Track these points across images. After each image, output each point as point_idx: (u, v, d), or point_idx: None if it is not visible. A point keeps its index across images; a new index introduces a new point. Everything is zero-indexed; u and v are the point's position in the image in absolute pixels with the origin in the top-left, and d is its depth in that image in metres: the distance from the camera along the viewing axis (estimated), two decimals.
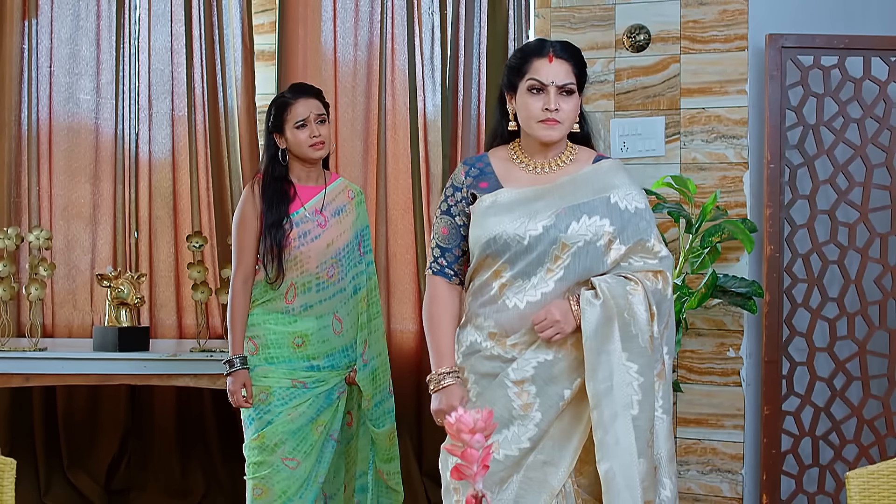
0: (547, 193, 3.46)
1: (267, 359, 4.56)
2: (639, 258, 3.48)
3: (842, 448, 5.37)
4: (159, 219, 6.30)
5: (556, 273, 3.41)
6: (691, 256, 5.21)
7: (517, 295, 3.42)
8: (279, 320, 4.57)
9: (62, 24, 6.38)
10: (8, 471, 3.05)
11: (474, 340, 3.49)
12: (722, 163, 5.42)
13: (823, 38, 5.32)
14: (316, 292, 4.59)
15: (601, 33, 5.61)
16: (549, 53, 3.46)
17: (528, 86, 3.46)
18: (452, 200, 3.56)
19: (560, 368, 3.40)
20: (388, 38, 6.06)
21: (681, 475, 5.51)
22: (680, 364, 5.47)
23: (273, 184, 4.58)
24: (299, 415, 4.55)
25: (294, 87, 4.71)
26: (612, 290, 3.37)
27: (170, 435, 6.32)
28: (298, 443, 4.55)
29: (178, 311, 6.29)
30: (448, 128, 5.96)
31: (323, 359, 4.62)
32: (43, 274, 5.42)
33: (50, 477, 6.33)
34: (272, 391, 4.54)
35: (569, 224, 3.41)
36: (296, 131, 4.55)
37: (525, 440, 3.40)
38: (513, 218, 3.42)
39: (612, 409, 3.33)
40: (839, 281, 5.39)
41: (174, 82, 6.31)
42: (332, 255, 4.61)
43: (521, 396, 3.41)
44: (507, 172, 3.53)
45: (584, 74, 3.53)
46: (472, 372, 3.49)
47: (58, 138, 6.38)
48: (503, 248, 3.41)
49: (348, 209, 4.71)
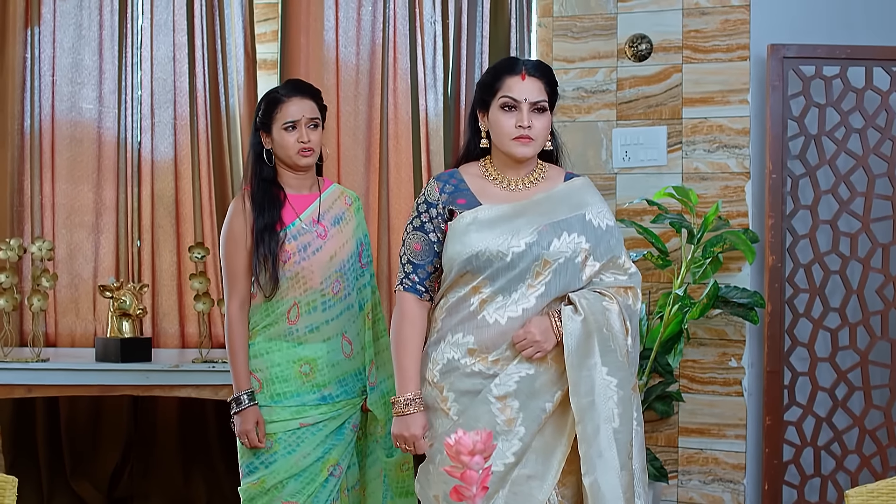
0: (526, 210, 3.50)
1: (273, 396, 4.10)
2: (610, 274, 3.54)
3: (843, 458, 5.37)
4: (162, 227, 6.30)
5: (537, 289, 3.44)
6: (693, 267, 5.21)
7: (498, 311, 3.44)
8: (283, 347, 4.11)
9: (65, 33, 6.38)
10: (10, 489, 3.06)
11: (452, 358, 3.49)
12: (724, 172, 5.42)
13: (825, 49, 5.32)
14: (322, 311, 4.13)
15: (603, 42, 5.61)
16: (522, 71, 3.49)
17: (502, 103, 3.48)
18: (426, 217, 3.56)
19: (542, 382, 3.44)
20: (390, 46, 6.06)
21: (682, 485, 5.51)
22: (682, 374, 5.48)
23: (262, 185, 4.12)
24: (304, 456, 4.10)
25: (291, 83, 4.26)
26: (590, 305, 3.42)
27: (172, 444, 6.32)
28: (304, 485, 4.10)
29: (181, 320, 6.29)
30: (450, 136, 5.96)
31: (334, 386, 4.15)
32: (45, 285, 5.42)
33: (53, 485, 6.33)
34: (277, 438, 4.09)
35: (550, 241, 3.45)
36: (283, 133, 4.08)
37: (510, 455, 3.43)
38: (495, 234, 3.44)
39: (594, 422, 3.37)
40: (841, 291, 5.39)
41: (177, 91, 6.31)
42: (337, 269, 4.16)
43: (505, 412, 3.44)
44: (481, 189, 3.56)
45: (555, 93, 3.57)
46: (451, 390, 3.50)
47: (60, 147, 6.38)
48: (485, 264, 3.43)
49: (348, 217, 4.28)
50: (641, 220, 5.43)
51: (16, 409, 6.29)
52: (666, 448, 5.53)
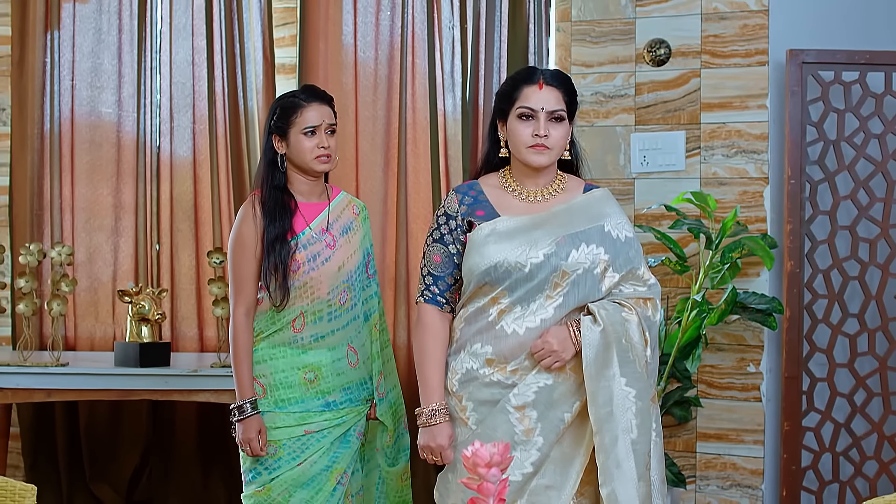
0: (545, 221, 3.49)
1: (277, 402, 4.08)
2: (629, 285, 3.53)
3: (862, 464, 5.36)
4: (181, 231, 6.31)
5: (555, 300, 3.44)
6: (711, 272, 5.21)
7: (516, 321, 3.45)
8: (287, 354, 4.09)
9: (84, 37, 6.40)
10: (29, 497, 3.07)
11: (470, 368, 3.50)
12: (742, 178, 5.42)
13: (844, 54, 5.31)
14: (328, 321, 4.11)
15: (622, 47, 5.61)
16: (540, 80, 3.49)
17: (519, 112, 3.49)
18: (446, 229, 3.57)
19: (560, 392, 3.44)
20: (408, 51, 6.06)
21: (700, 490, 5.51)
22: (700, 379, 5.47)
23: (273, 194, 4.08)
24: (311, 464, 4.08)
25: (308, 89, 4.21)
26: (609, 316, 3.42)
27: (191, 447, 6.34)
28: (312, 494, 4.07)
29: (200, 324, 6.30)
30: (468, 141, 5.96)
31: (339, 393, 4.13)
32: (65, 290, 5.44)
33: (72, 488, 6.36)
34: (282, 444, 4.07)
35: (569, 252, 3.45)
36: (302, 137, 4.05)
37: (528, 465, 3.43)
38: (514, 246, 3.44)
39: (612, 433, 3.38)
40: (860, 297, 5.38)
41: (195, 95, 6.32)
42: (345, 279, 4.13)
43: (523, 422, 3.44)
44: (500, 200, 3.56)
45: (574, 102, 3.56)
46: (470, 399, 3.51)
47: (80, 150, 6.41)
48: (503, 275, 3.44)
49: (355, 226, 4.25)
50: (659, 226, 5.43)
51: (36, 413, 6.32)
52: (684, 453, 5.52)
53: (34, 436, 6.36)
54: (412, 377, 5.92)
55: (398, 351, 5.98)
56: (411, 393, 5.88)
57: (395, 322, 6.05)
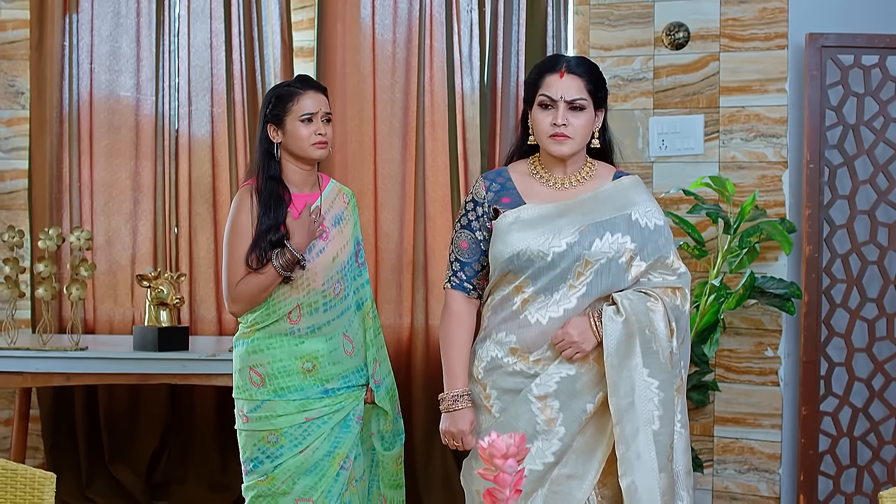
0: (569, 210, 3.47)
1: (276, 391, 4.07)
2: (658, 274, 3.50)
3: (880, 449, 5.36)
4: (199, 215, 6.32)
5: (578, 289, 3.42)
6: (729, 257, 5.21)
7: (539, 310, 3.43)
8: (284, 343, 4.10)
9: (102, 21, 6.40)
10: (48, 484, 3.08)
11: (495, 356, 3.50)
12: (761, 162, 5.40)
13: (864, 38, 5.28)
14: (323, 312, 4.12)
15: (640, 31, 5.59)
16: (562, 69, 3.47)
17: (539, 101, 3.48)
18: (473, 215, 3.56)
19: (583, 383, 3.42)
20: (426, 35, 6.05)
21: (717, 474, 5.51)
22: (718, 363, 5.47)
23: (269, 184, 4.08)
24: (314, 450, 4.08)
25: (302, 78, 4.21)
26: (633, 306, 3.39)
27: (210, 430, 6.36)
28: (316, 480, 4.08)
29: (218, 307, 6.31)
30: (486, 125, 5.95)
31: (338, 380, 4.13)
32: (84, 274, 5.46)
33: (92, 471, 6.39)
34: (283, 432, 4.07)
35: (592, 241, 3.42)
36: (299, 125, 4.04)
37: (549, 454, 3.42)
38: (536, 234, 3.43)
39: (633, 424, 3.36)
40: (879, 281, 5.36)
41: (214, 78, 6.32)
42: (338, 270, 4.15)
43: (545, 411, 3.43)
44: (527, 188, 3.54)
45: (601, 90, 3.52)
46: (494, 387, 3.51)
47: (98, 134, 6.41)
48: (526, 263, 3.42)
49: (346, 216, 4.26)
50: (678, 210, 5.42)
51: (55, 396, 6.35)
52: (701, 437, 5.53)
53: (54, 418, 6.39)
54: (431, 348, 5.95)
55: (416, 335, 5.99)
56: (429, 377, 5.92)
57: (412, 305, 6.05)
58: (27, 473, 3.11)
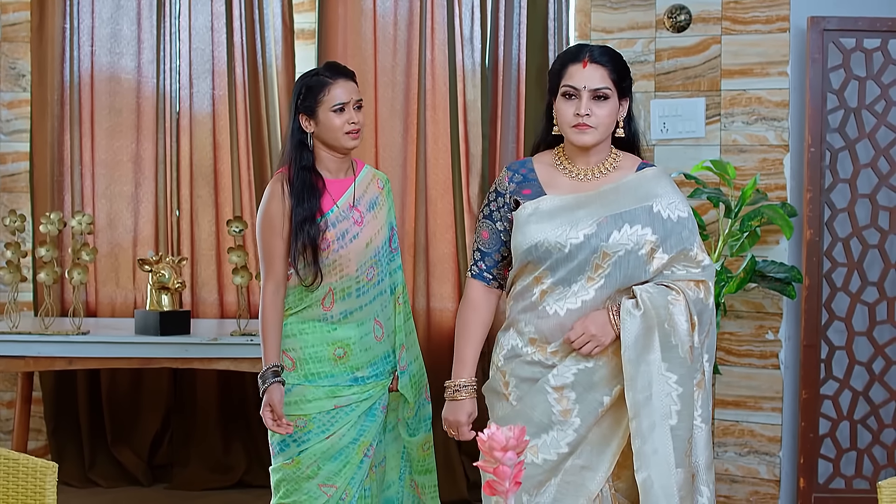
0: (589, 202, 3.43)
1: (307, 376, 4.08)
2: (681, 267, 3.43)
3: (880, 432, 5.38)
4: (200, 198, 6.33)
5: (596, 281, 3.38)
6: (730, 240, 5.21)
7: (558, 302, 3.41)
8: (316, 329, 4.10)
9: (103, 3, 6.39)
10: (50, 474, 3.09)
11: (515, 345, 3.48)
12: (762, 145, 5.40)
13: (866, 21, 5.27)
14: (357, 297, 4.11)
15: (642, 13, 5.58)
16: (585, 58, 3.41)
17: (563, 91, 3.43)
18: (495, 206, 3.54)
19: (600, 375, 3.39)
20: (427, 17, 6.04)
21: (718, 456, 5.53)
22: (719, 346, 5.48)
23: (301, 174, 4.06)
24: (340, 437, 4.09)
25: (331, 66, 4.15)
26: (653, 300, 3.34)
27: (212, 412, 6.38)
28: (341, 467, 4.09)
29: (220, 290, 6.32)
30: (487, 108, 5.95)
31: (367, 368, 4.14)
32: (85, 259, 5.46)
33: (94, 452, 6.42)
34: (311, 418, 4.07)
35: (610, 233, 3.37)
36: (331, 115, 4.02)
37: (564, 445, 3.40)
38: (554, 226, 3.40)
39: (650, 418, 3.31)
40: (879, 265, 5.37)
41: (215, 61, 6.32)
42: (372, 255, 4.13)
43: (561, 402, 3.40)
44: (550, 179, 3.50)
45: (625, 79, 3.46)
46: (512, 375, 3.49)
47: (99, 117, 6.42)
48: (544, 255, 3.40)
49: (381, 201, 4.24)
50: None
51: (58, 378, 6.36)
52: None
53: (56, 400, 6.41)
54: (433, 331, 5.97)
55: (417, 317, 5.99)
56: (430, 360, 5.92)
57: (413, 288, 6.06)
58: (29, 463, 3.12)
